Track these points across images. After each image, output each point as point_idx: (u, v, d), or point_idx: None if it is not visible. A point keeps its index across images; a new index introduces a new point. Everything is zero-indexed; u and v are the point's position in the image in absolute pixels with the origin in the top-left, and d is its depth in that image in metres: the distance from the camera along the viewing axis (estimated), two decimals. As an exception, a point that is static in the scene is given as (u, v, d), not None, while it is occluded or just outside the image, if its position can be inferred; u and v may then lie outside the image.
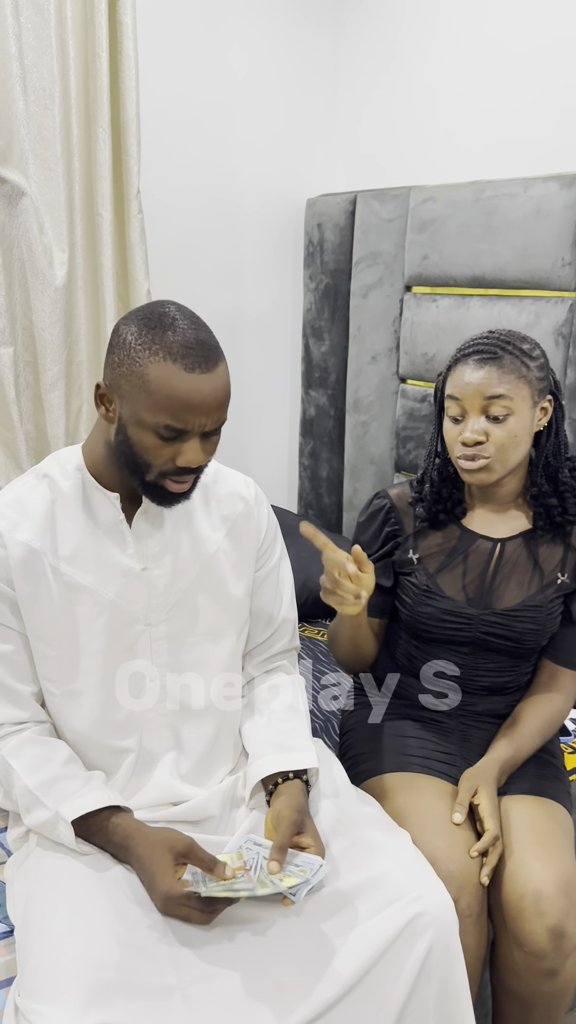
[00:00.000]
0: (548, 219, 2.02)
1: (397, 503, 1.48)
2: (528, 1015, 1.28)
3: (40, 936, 1.05)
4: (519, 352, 1.33)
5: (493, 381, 1.30)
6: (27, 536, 1.18)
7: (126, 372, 1.09)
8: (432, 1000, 1.10)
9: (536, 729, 1.42)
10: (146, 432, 1.10)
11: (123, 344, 1.10)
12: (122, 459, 1.15)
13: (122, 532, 1.22)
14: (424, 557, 1.45)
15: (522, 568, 1.42)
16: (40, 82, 2.11)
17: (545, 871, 1.23)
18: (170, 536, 1.26)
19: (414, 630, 1.47)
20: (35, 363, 2.27)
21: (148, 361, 1.07)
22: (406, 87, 2.54)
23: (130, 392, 1.09)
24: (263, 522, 1.37)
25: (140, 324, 1.10)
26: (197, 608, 1.28)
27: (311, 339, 2.85)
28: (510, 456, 1.34)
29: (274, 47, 2.63)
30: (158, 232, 2.45)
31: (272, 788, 1.24)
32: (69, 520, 1.20)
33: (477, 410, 1.32)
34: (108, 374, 1.13)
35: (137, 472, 1.15)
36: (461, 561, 1.43)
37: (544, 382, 1.36)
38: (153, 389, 1.07)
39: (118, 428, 1.13)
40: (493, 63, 2.28)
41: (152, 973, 1.02)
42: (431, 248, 2.31)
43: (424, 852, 1.21)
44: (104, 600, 1.21)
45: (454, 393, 1.34)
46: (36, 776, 1.17)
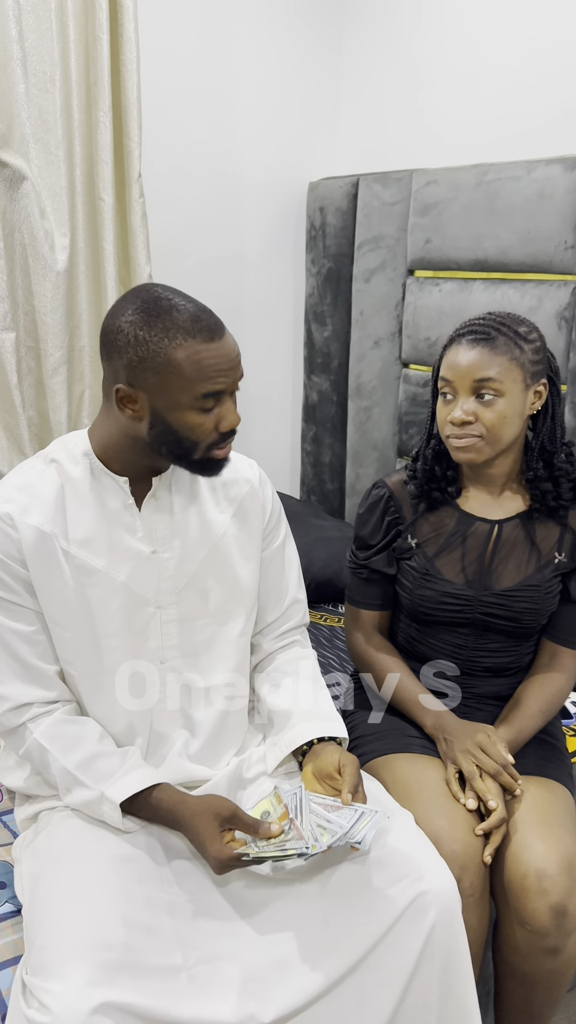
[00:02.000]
0: (551, 202, 2.01)
1: (395, 491, 1.49)
2: (530, 993, 1.30)
3: (47, 915, 1.06)
4: (513, 334, 1.33)
5: (484, 363, 1.31)
6: (38, 520, 1.18)
7: (151, 366, 1.10)
8: (435, 978, 1.11)
9: (538, 710, 1.43)
10: (187, 412, 1.12)
11: (136, 341, 1.10)
12: (164, 449, 1.16)
13: (132, 516, 1.23)
14: (423, 542, 1.46)
15: (520, 549, 1.43)
16: (40, 65, 2.09)
17: (548, 850, 1.24)
18: (179, 519, 1.27)
19: (414, 613, 1.48)
20: (37, 348, 2.27)
21: (171, 348, 1.09)
22: (409, 69, 2.53)
23: (160, 383, 1.11)
24: (268, 503, 1.38)
25: (141, 315, 1.10)
26: (206, 590, 1.29)
27: (313, 324, 2.84)
28: (499, 437, 1.34)
29: (276, 29, 2.61)
30: (159, 216, 2.44)
31: (306, 749, 1.27)
32: (79, 504, 1.21)
33: (467, 391, 1.33)
34: (125, 374, 1.12)
35: (185, 455, 1.17)
36: (459, 543, 1.44)
37: (539, 365, 1.35)
38: (185, 369, 1.10)
39: (152, 422, 1.14)
40: (496, 46, 2.26)
41: (158, 953, 1.03)
42: (434, 232, 2.30)
43: (427, 832, 1.22)
44: (116, 583, 1.21)
45: (446, 374, 1.35)
46: (73, 756, 1.18)
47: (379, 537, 1.50)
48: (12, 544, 1.17)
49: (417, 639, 1.51)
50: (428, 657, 1.50)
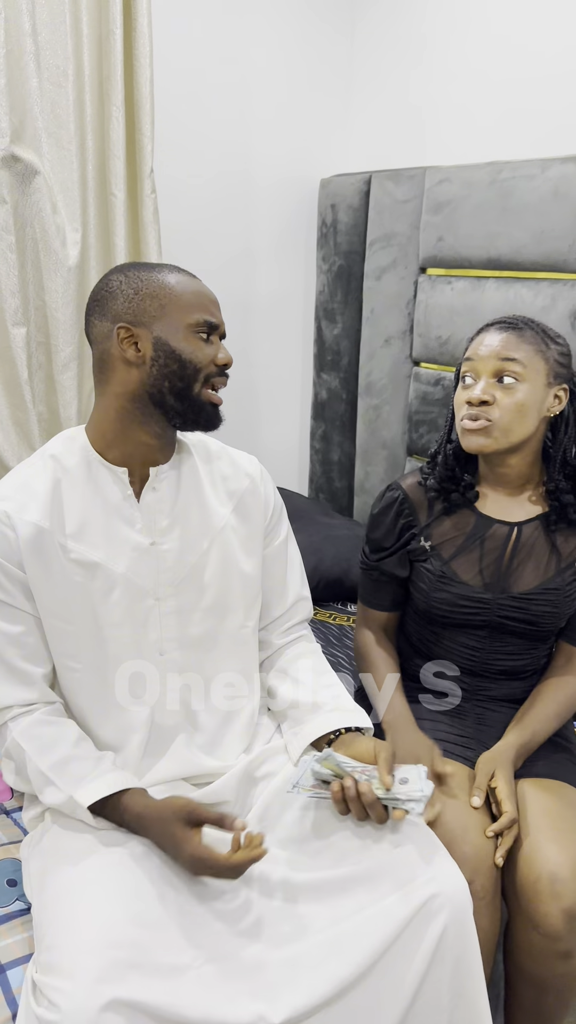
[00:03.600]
0: (566, 201, 2.00)
1: (410, 494, 1.48)
2: (541, 996, 1.29)
3: (57, 914, 1.06)
4: (542, 332, 1.36)
5: (510, 345, 1.33)
6: (35, 516, 1.19)
7: (147, 294, 1.18)
8: (446, 981, 1.11)
9: (553, 712, 1.42)
10: (188, 336, 1.19)
11: (128, 279, 1.19)
12: (167, 385, 1.19)
13: (130, 507, 1.23)
14: (438, 544, 1.45)
15: (539, 551, 1.42)
16: (54, 59, 2.09)
17: (561, 854, 1.23)
18: (179, 511, 1.27)
19: (429, 616, 1.47)
20: (48, 344, 2.26)
21: (163, 276, 1.19)
22: (422, 66, 2.51)
23: (160, 308, 1.18)
24: (270, 499, 1.38)
25: (124, 269, 1.20)
26: (205, 583, 1.28)
27: (323, 321, 2.83)
28: (513, 427, 1.33)
29: (289, 26, 2.60)
30: (171, 212, 2.44)
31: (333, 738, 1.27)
32: (76, 497, 1.21)
33: (489, 371, 1.34)
34: (125, 312, 1.17)
35: (186, 388, 1.19)
36: (477, 546, 1.43)
37: (564, 368, 1.36)
38: (179, 292, 1.19)
39: (155, 355, 1.18)
40: (511, 42, 2.25)
41: (167, 951, 1.03)
42: (446, 230, 2.29)
43: (438, 834, 1.22)
44: (116, 575, 1.22)
45: (470, 355, 1.37)
46: (48, 758, 1.18)
47: (392, 540, 1.49)
48: (9, 545, 1.18)
49: (431, 640, 1.50)
50: (443, 659, 1.50)
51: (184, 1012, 0.99)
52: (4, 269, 2.12)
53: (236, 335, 2.76)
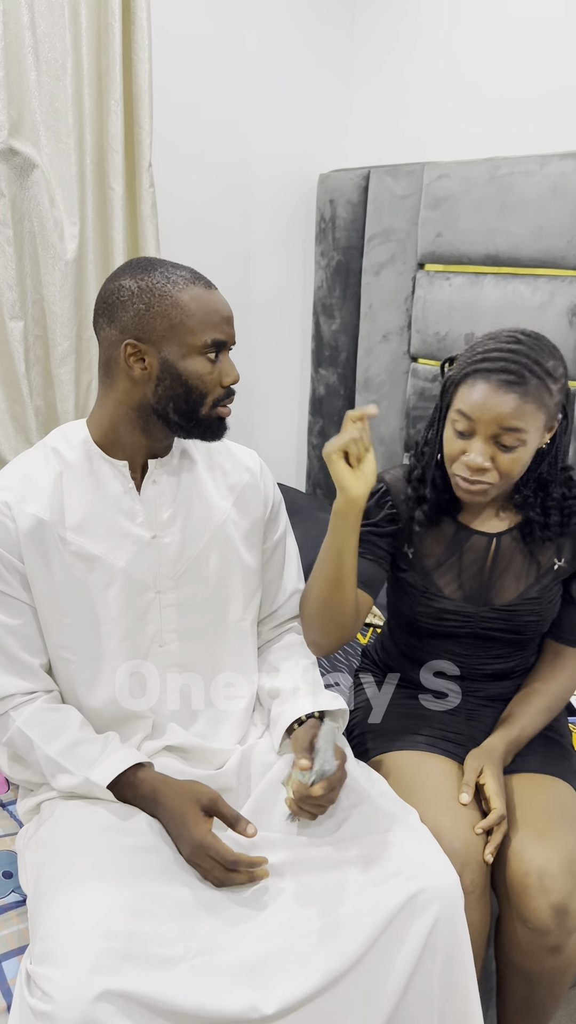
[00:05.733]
0: (564, 197, 2.00)
1: (392, 486, 1.44)
2: (532, 990, 1.30)
3: (51, 905, 1.06)
4: (544, 375, 1.23)
5: (514, 412, 1.21)
6: (35, 508, 1.19)
7: (159, 310, 1.14)
8: (437, 974, 1.11)
9: (542, 707, 1.43)
10: (196, 358, 1.16)
11: (140, 290, 1.14)
12: (172, 406, 1.18)
13: (131, 501, 1.23)
14: (419, 555, 1.43)
15: (518, 560, 1.41)
16: (52, 53, 2.08)
17: (550, 849, 1.24)
18: (180, 504, 1.27)
19: (414, 626, 1.47)
20: (45, 337, 2.26)
21: (177, 292, 1.14)
22: (421, 61, 2.51)
23: (169, 328, 1.14)
24: (269, 493, 1.39)
25: (140, 271, 1.15)
26: (206, 576, 1.29)
27: (321, 317, 2.83)
28: (511, 479, 1.29)
29: (288, 20, 2.60)
30: (169, 206, 2.44)
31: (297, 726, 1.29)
32: (77, 491, 1.21)
33: (487, 435, 1.24)
34: (132, 327, 1.14)
35: (192, 411, 1.19)
36: (457, 559, 1.42)
37: (559, 404, 1.28)
38: (194, 310, 1.14)
39: (161, 375, 1.16)
40: (510, 38, 2.25)
41: (160, 943, 1.03)
42: (445, 225, 2.29)
43: (429, 829, 1.22)
44: (115, 568, 1.22)
45: (468, 411, 1.24)
46: (55, 744, 1.19)
47: (377, 516, 1.43)
48: (9, 536, 1.18)
49: (417, 646, 1.50)
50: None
51: (177, 1002, 0.99)
52: (2, 263, 2.12)
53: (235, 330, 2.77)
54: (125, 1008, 0.96)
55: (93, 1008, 0.94)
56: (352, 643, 2.15)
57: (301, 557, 1.50)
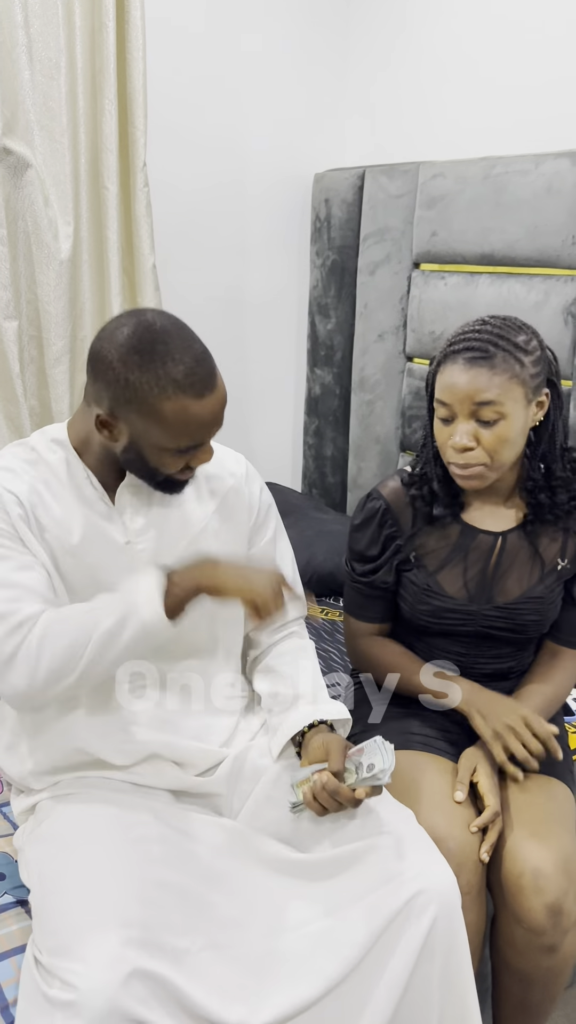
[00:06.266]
0: (559, 196, 2.00)
1: (392, 503, 1.43)
2: (528, 990, 1.30)
3: (64, 898, 1.06)
4: (512, 347, 1.25)
5: (483, 385, 1.23)
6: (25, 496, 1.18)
7: (137, 409, 1.10)
8: (436, 975, 1.11)
9: (538, 708, 1.42)
10: (164, 453, 1.14)
11: (126, 383, 1.09)
12: (132, 468, 1.19)
13: (106, 506, 1.23)
14: (422, 555, 1.43)
15: (522, 559, 1.41)
16: (46, 52, 2.08)
17: (544, 849, 1.24)
18: (156, 511, 1.26)
19: (414, 624, 1.47)
20: (39, 337, 2.26)
21: (160, 399, 1.09)
22: (416, 61, 2.51)
23: (143, 425, 1.11)
24: (255, 499, 1.37)
25: (135, 356, 1.08)
26: None
27: (317, 316, 2.83)
28: (502, 460, 1.29)
29: (283, 19, 2.59)
30: (164, 206, 2.43)
31: (300, 738, 1.26)
32: (57, 489, 1.21)
33: (466, 414, 1.26)
34: (108, 404, 1.11)
35: (151, 477, 1.19)
36: (462, 558, 1.41)
37: (540, 377, 1.29)
38: (171, 422, 1.10)
39: (127, 448, 1.15)
40: (504, 38, 2.25)
41: (172, 933, 1.04)
42: (440, 225, 2.29)
43: (425, 829, 1.22)
44: (85, 568, 1.21)
45: (443, 396, 1.27)
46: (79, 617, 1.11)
47: (377, 550, 1.44)
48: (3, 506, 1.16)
49: (417, 646, 1.50)
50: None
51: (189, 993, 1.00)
52: (-4, 262, 2.12)
53: (229, 331, 2.77)
54: (154, 990, 0.97)
55: (121, 993, 0.94)
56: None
57: (297, 557, 1.49)
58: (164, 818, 1.18)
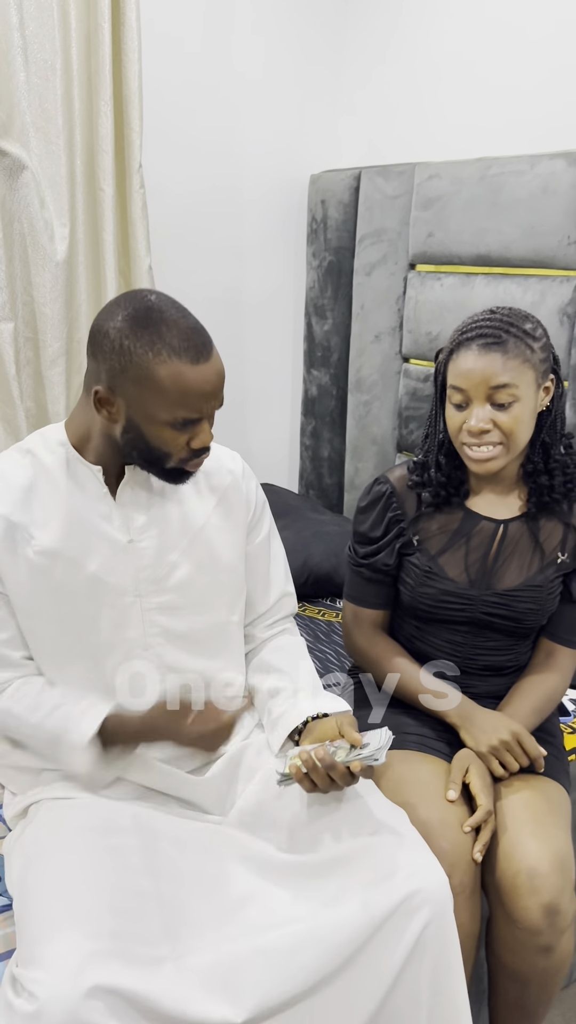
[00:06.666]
0: (555, 197, 2.00)
1: (397, 487, 1.47)
2: (523, 991, 1.29)
3: (37, 906, 1.06)
4: (522, 334, 1.29)
5: (498, 369, 1.27)
6: (6, 509, 1.18)
7: (132, 376, 1.10)
8: (425, 976, 1.11)
9: (532, 708, 1.42)
10: (162, 427, 1.13)
11: (121, 349, 1.09)
12: (136, 454, 1.17)
13: (107, 506, 1.23)
14: (425, 539, 1.45)
15: (523, 548, 1.42)
16: (41, 53, 2.08)
17: (540, 849, 1.23)
18: (157, 508, 1.26)
19: (413, 610, 1.47)
20: (35, 339, 2.26)
21: (155, 362, 1.09)
22: (412, 62, 2.51)
23: (139, 394, 1.10)
24: (252, 496, 1.38)
25: (130, 323, 1.09)
26: (188, 580, 1.28)
27: (313, 317, 2.83)
28: (518, 440, 1.33)
29: (279, 20, 2.60)
30: (160, 207, 2.43)
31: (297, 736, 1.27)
32: (52, 494, 1.21)
33: (482, 398, 1.29)
34: (105, 378, 1.11)
35: (156, 463, 1.18)
36: (463, 543, 1.43)
37: (546, 362, 1.34)
38: (167, 388, 1.09)
39: (127, 427, 1.14)
40: (500, 39, 2.25)
41: (146, 943, 1.03)
42: (436, 226, 2.29)
43: (418, 829, 1.21)
44: (86, 572, 1.21)
45: (458, 383, 1.31)
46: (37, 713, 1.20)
47: (380, 532, 1.47)
48: None
49: (416, 636, 1.50)
50: (426, 654, 1.50)
51: (162, 1003, 0.99)
52: (-9, 264, 2.12)
53: (227, 332, 2.76)
54: (112, 1005, 0.96)
55: (80, 1006, 0.94)
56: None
57: (292, 558, 1.50)
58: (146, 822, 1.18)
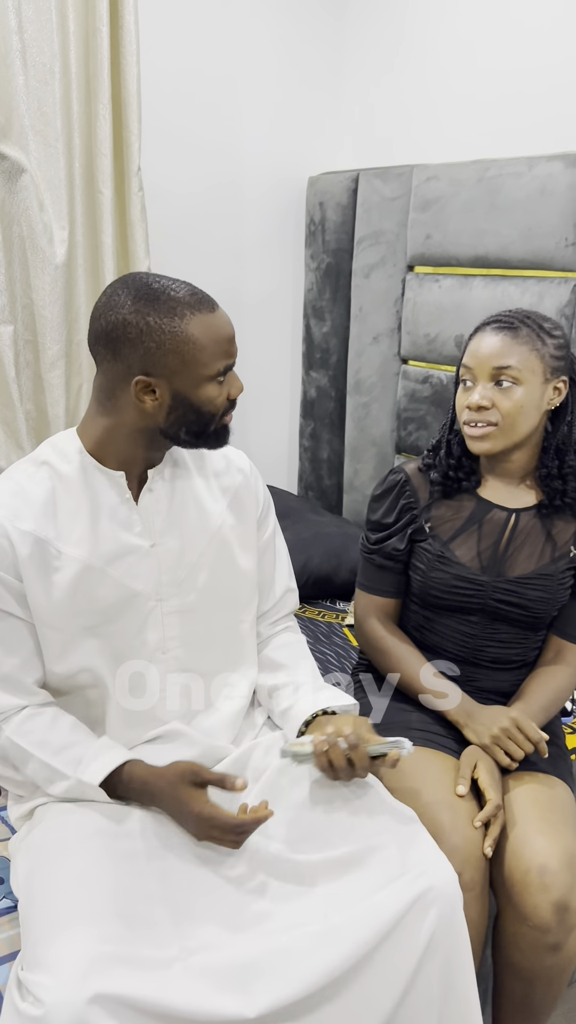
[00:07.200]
0: (552, 198, 2.01)
1: (412, 477, 1.51)
2: (530, 989, 1.29)
3: (44, 908, 1.06)
4: (537, 327, 1.36)
5: (504, 350, 1.34)
6: (30, 525, 1.17)
7: (170, 348, 1.12)
8: (437, 974, 1.11)
9: (541, 705, 1.43)
10: (208, 385, 1.16)
11: (148, 328, 1.11)
12: (183, 430, 1.19)
13: (128, 511, 1.23)
14: (437, 526, 1.47)
15: (535, 539, 1.44)
16: (40, 57, 2.08)
17: (550, 846, 1.24)
18: (176, 511, 1.27)
19: (425, 597, 1.48)
20: (35, 342, 2.26)
21: (184, 325, 1.12)
22: (410, 65, 2.52)
23: (180, 363, 1.13)
24: (260, 493, 1.40)
25: (142, 303, 1.11)
26: (206, 581, 1.29)
27: (312, 319, 2.83)
28: (513, 426, 1.36)
29: (277, 23, 2.60)
30: (159, 210, 2.43)
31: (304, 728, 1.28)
32: (72, 505, 1.20)
33: (486, 377, 1.35)
34: (140, 364, 1.12)
35: (203, 429, 1.20)
36: (476, 529, 1.46)
37: (561, 361, 1.37)
38: (204, 342, 1.13)
39: (173, 404, 1.15)
40: (498, 41, 2.26)
41: (153, 945, 1.03)
42: (434, 227, 2.30)
43: (427, 826, 1.22)
44: (112, 579, 1.21)
45: (467, 361, 1.38)
46: (47, 749, 1.19)
47: (392, 518, 1.50)
48: (5, 555, 1.17)
49: (425, 626, 1.51)
50: (436, 645, 1.51)
51: (171, 1004, 0.98)
52: (-9, 267, 2.12)
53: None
54: (116, 1012, 0.95)
55: (85, 1012, 0.93)
56: (348, 644, 2.14)
57: (292, 559, 1.51)
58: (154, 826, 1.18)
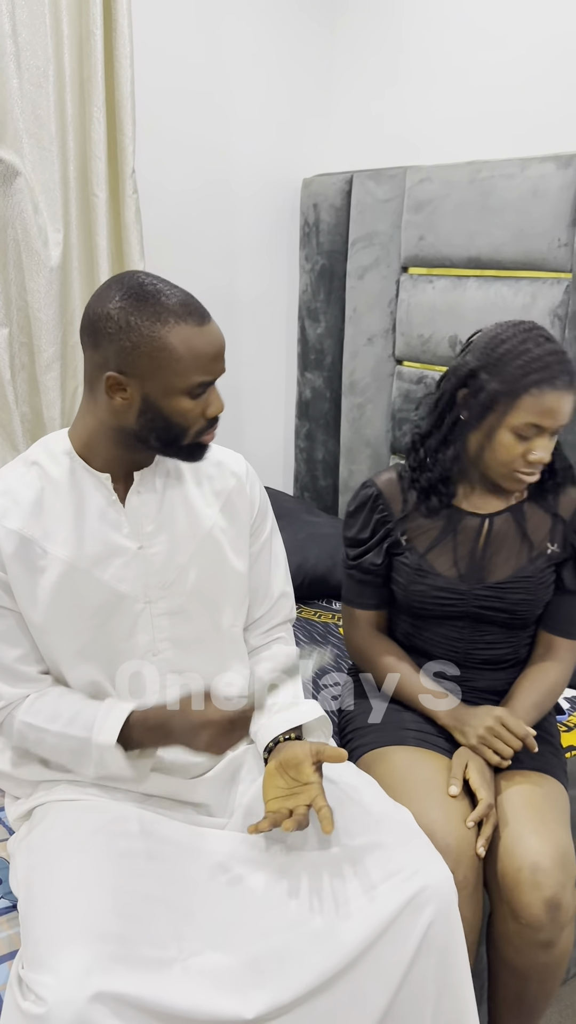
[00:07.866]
0: (545, 199, 2.02)
1: (384, 490, 1.49)
2: (523, 986, 1.31)
3: (44, 909, 1.06)
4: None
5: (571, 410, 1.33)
6: (17, 524, 1.18)
7: (145, 350, 1.10)
8: (431, 972, 1.12)
9: (533, 703, 1.44)
10: (180, 398, 1.13)
11: (128, 326, 1.09)
12: (153, 436, 1.17)
13: (116, 513, 1.23)
14: (413, 538, 1.47)
15: (511, 541, 1.44)
16: (34, 60, 2.09)
17: (542, 844, 1.25)
18: (165, 514, 1.27)
19: (409, 608, 1.49)
20: (30, 344, 2.26)
21: (163, 331, 1.10)
22: (402, 66, 2.53)
23: (153, 368, 1.11)
24: (255, 497, 1.39)
25: (130, 300, 1.10)
26: (195, 583, 1.29)
27: (307, 321, 2.84)
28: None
29: (270, 25, 2.61)
30: (153, 212, 2.44)
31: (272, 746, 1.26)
32: (60, 505, 1.21)
33: (552, 433, 1.34)
34: (115, 361, 1.11)
35: (173, 442, 1.18)
36: (451, 539, 1.45)
37: None
38: (180, 353, 1.10)
39: (142, 408, 1.14)
40: (490, 42, 2.27)
41: (153, 945, 1.04)
42: (427, 229, 2.31)
43: (421, 825, 1.23)
44: (99, 582, 1.21)
45: (541, 422, 1.32)
46: (59, 720, 1.19)
47: (367, 534, 1.50)
48: None
49: (414, 634, 1.52)
50: (426, 651, 1.51)
51: (171, 1003, 0.99)
52: (-14, 270, 2.12)
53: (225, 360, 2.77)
54: (118, 1010, 0.96)
55: (87, 1010, 0.94)
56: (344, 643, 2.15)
57: (289, 560, 1.50)
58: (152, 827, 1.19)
